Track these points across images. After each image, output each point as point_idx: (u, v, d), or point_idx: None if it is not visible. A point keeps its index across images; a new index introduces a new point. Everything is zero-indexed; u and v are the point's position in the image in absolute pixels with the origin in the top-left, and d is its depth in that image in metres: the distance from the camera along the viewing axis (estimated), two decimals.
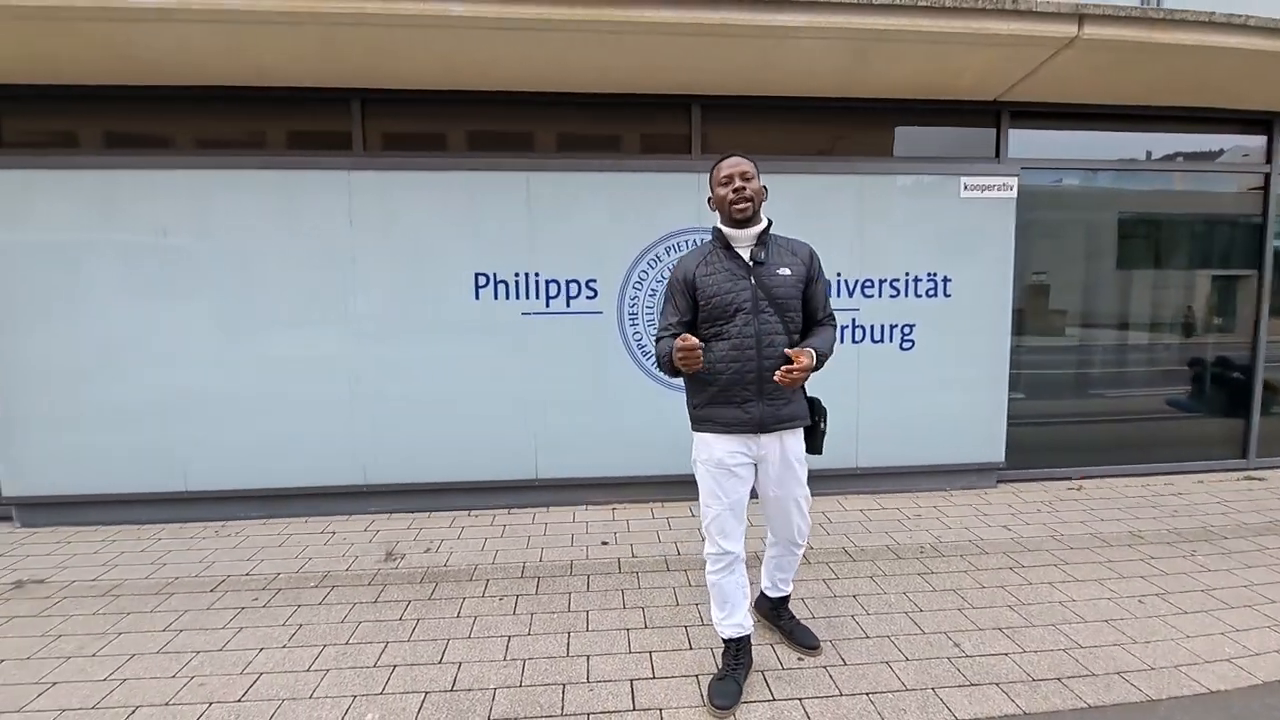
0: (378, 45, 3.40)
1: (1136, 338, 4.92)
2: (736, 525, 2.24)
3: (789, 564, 2.50)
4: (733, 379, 2.13)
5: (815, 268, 2.23)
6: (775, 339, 2.12)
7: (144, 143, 3.98)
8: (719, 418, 2.18)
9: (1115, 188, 4.75)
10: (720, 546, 2.23)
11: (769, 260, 2.15)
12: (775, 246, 2.19)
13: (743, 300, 2.12)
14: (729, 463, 2.18)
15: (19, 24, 3.13)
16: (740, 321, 2.11)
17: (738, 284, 2.12)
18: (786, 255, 2.19)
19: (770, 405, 2.14)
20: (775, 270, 2.14)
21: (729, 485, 2.20)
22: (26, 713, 2.21)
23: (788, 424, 2.18)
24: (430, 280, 3.97)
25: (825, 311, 2.28)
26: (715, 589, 2.29)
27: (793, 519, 2.33)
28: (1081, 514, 4.00)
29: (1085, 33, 3.49)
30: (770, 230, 2.21)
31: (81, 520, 3.93)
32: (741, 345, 2.11)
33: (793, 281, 2.15)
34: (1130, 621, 2.73)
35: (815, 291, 2.24)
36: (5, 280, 3.76)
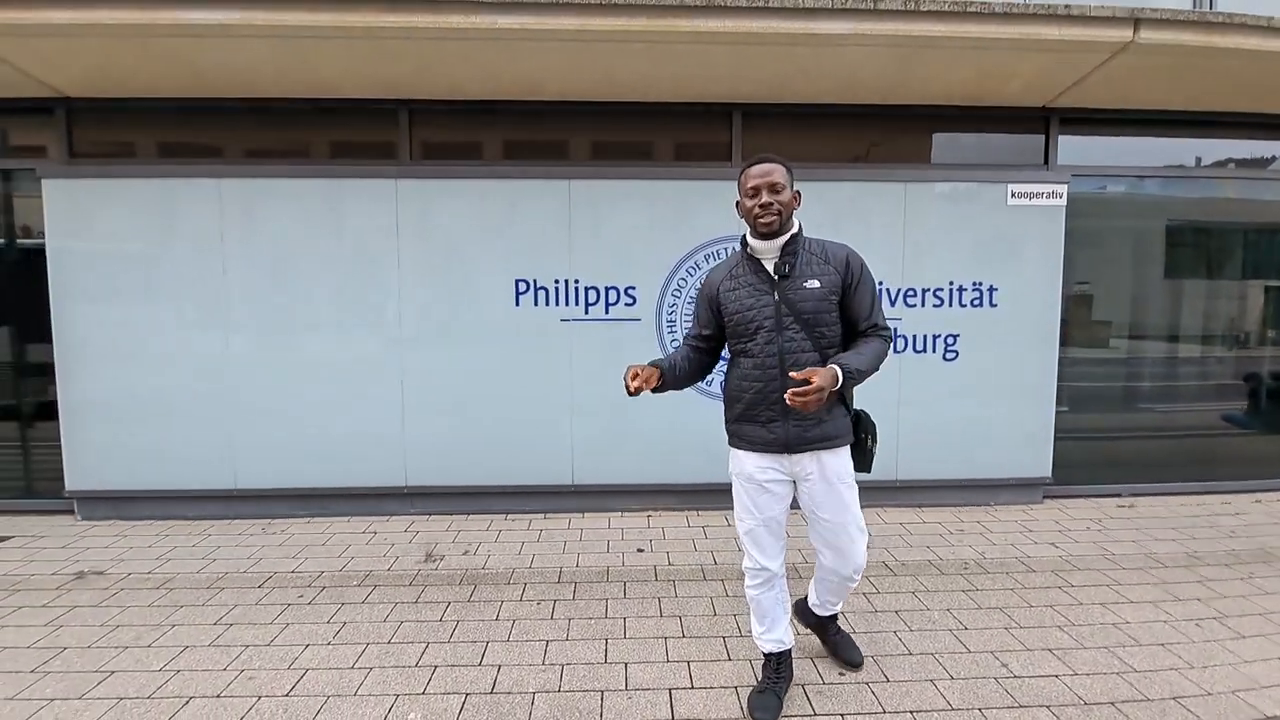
0: (426, 57, 3.48)
1: (1188, 350, 4.75)
2: (772, 542, 2.16)
3: (840, 590, 2.31)
4: (755, 399, 2.04)
5: (853, 274, 2.02)
6: (801, 357, 1.98)
7: (201, 153, 4.14)
8: (746, 435, 2.11)
9: (1165, 195, 4.60)
10: (757, 562, 2.17)
11: (795, 273, 1.99)
12: (805, 255, 2.02)
13: (764, 318, 2.00)
14: (760, 478, 2.10)
15: (102, 41, 3.30)
16: (762, 340, 2.00)
17: (760, 300, 2.01)
18: (817, 264, 2.01)
19: (798, 426, 2.01)
20: (802, 283, 1.98)
21: (761, 501, 2.12)
22: (88, 699, 2.29)
23: (819, 445, 2.03)
24: (472, 286, 4.03)
25: (870, 321, 2.05)
26: (754, 603, 2.24)
27: (845, 550, 2.13)
28: (1133, 532, 3.86)
29: (1141, 37, 3.40)
30: (800, 236, 2.04)
31: (137, 515, 4.08)
32: (764, 364, 2.01)
33: (822, 294, 1.98)
34: (1186, 645, 2.63)
35: (854, 300, 2.03)
36: (68, 284, 3.94)
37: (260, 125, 4.10)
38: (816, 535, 2.18)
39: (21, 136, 4.16)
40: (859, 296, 2.04)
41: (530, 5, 3.17)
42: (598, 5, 3.17)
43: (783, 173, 1.97)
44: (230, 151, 4.15)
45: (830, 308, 2.00)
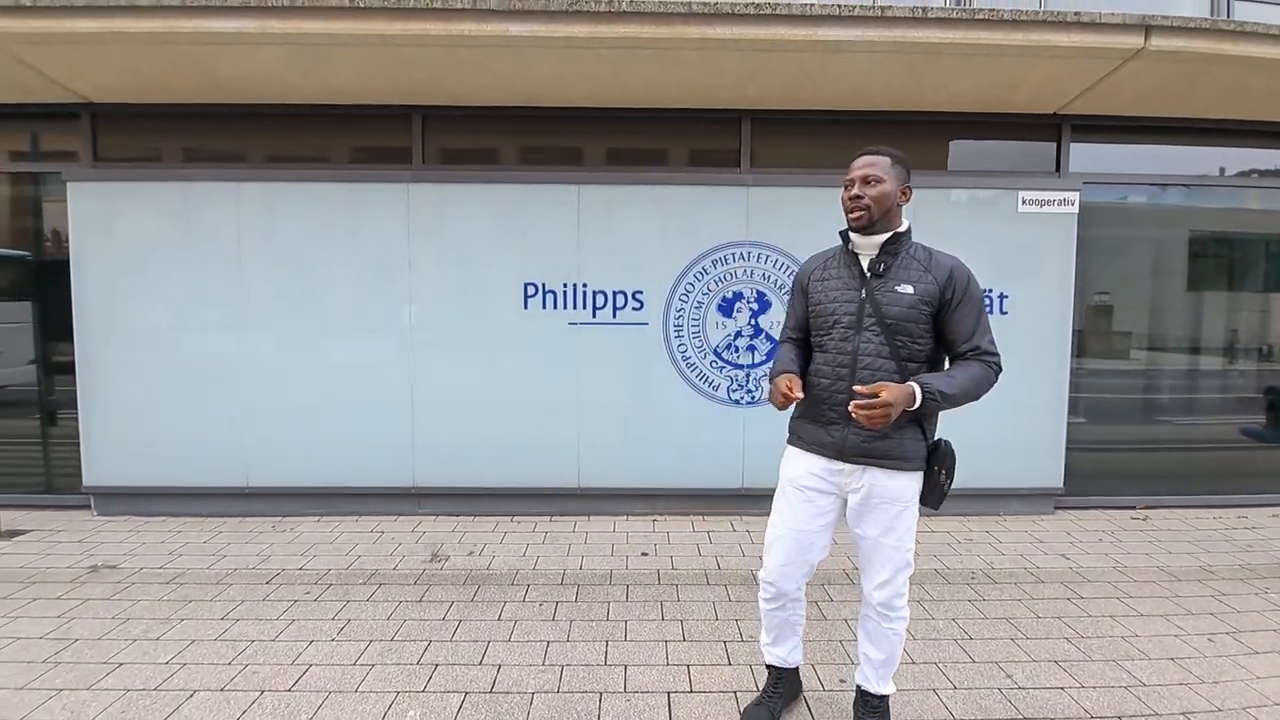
0: (439, 64, 3.55)
1: (1208, 362, 4.67)
2: (794, 558, 1.97)
3: (880, 637, 1.99)
4: (820, 395, 1.91)
5: (955, 288, 1.82)
6: (877, 362, 1.82)
7: (220, 158, 4.24)
8: (804, 434, 1.98)
9: (1185, 205, 4.54)
10: (770, 575, 2.01)
11: (891, 273, 1.84)
12: (906, 259, 1.86)
13: (845, 313, 1.87)
14: (804, 483, 1.95)
15: (124, 48, 3.41)
16: (837, 336, 1.87)
17: (846, 295, 1.88)
18: (917, 270, 1.84)
19: (858, 433, 1.84)
20: (894, 285, 1.83)
21: (798, 510, 1.96)
22: (96, 690, 2.33)
23: (878, 460, 1.85)
24: (481, 289, 4.08)
25: (971, 344, 1.83)
26: (764, 615, 2.13)
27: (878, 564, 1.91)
28: (1146, 545, 3.79)
29: (1153, 44, 3.37)
30: (907, 239, 1.89)
31: (151, 511, 4.16)
32: (835, 362, 1.87)
33: (912, 301, 1.81)
34: (1198, 660, 2.57)
35: (953, 317, 1.83)
36: (89, 285, 4.04)
37: (277, 130, 4.19)
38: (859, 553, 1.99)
39: (50, 142, 4.29)
40: (960, 314, 1.83)
41: (541, 13, 3.22)
42: (607, 13, 3.22)
43: (885, 166, 1.84)
44: (248, 156, 4.24)
45: (919, 317, 1.81)
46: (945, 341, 1.87)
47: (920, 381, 1.76)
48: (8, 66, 3.58)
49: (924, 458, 1.88)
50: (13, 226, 4.38)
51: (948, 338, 1.86)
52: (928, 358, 1.87)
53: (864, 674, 2.09)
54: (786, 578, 2.00)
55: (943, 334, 1.86)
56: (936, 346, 1.89)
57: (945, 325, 1.85)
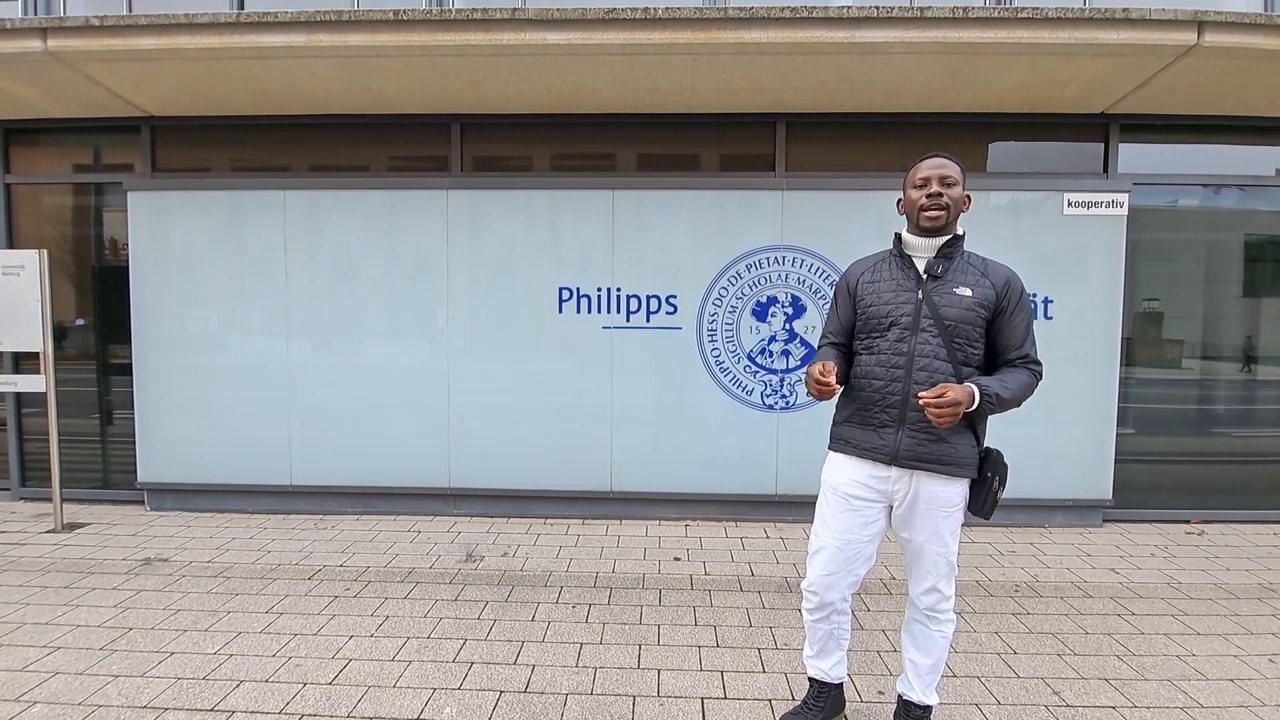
0: (479, 74, 3.63)
1: (1266, 372, 4.45)
2: (842, 569, 1.94)
3: (923, 639, 1.97)
4: (873, 398, 1.87)
5: (1011, 297, 1.84)
6: (934, 364, 1.80)
7: (268, 168, 4.40)
8: (852, 438, 1.93)
9: (1240, 207, 4.35)
10: (814, 584, 1.99)
11: (948, 276, 1.84)
12: (962, 263, 1.87)
13: (902, 314, 1.84)
14: (848, 491, 1.92)
15: (182, 64, 3.57)
16: (894, 337, 1.84)
17: (900, 296, 1.86)
18: (974, 275, 1.85)
19: (912, 436, 1.82)
20: (953, 288, 1.82)
21: (843, 520, 1.92)
22: (149, 678, 2.42)
23: (933, 465, 1.82)
24: (516, 294, 4.14)
25: (1020, 352, 1.85)
26: (808, 627, 2.09)
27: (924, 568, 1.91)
28: (1202, 560, 3.63)
29: (1206, 40, 3.26)
30: (962, 243, 1.90)
31: (200, 507, 4.31)
32: (890, 363, 1.84)
33: (971, 304, 1.81)
34: (1259, 682, 2.45)
35: (1007, 325, 1.84)
36: (146, 290, 4.23)
37: (322, 141, 4.33)
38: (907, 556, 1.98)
39: (111, 154, 4.51)
40: (1014, 322, 1.85)
41: (578, 21, 3.27)
42: (643, 20, 3.25)
43: (957, 170, 1.86)
44: (293, 166, 4.40)
45: (976, 321, 1.82)
46: (996, 348, 1.88)
47: (977, 383, 1.77)
48: (78, 83, 3.79)
49: (976, 464, 1.87)
50: (76, 234, 4.61)
51: (999, 344, 1.87)
52: (979, 363, 1.87)
53: (908, 682, 2.05)
54: (831, 588, 1.98)
55: (994, 340, 1.87)
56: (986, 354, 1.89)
57: (998, 332, 1.86)
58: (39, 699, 2.28)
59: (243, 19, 3.39)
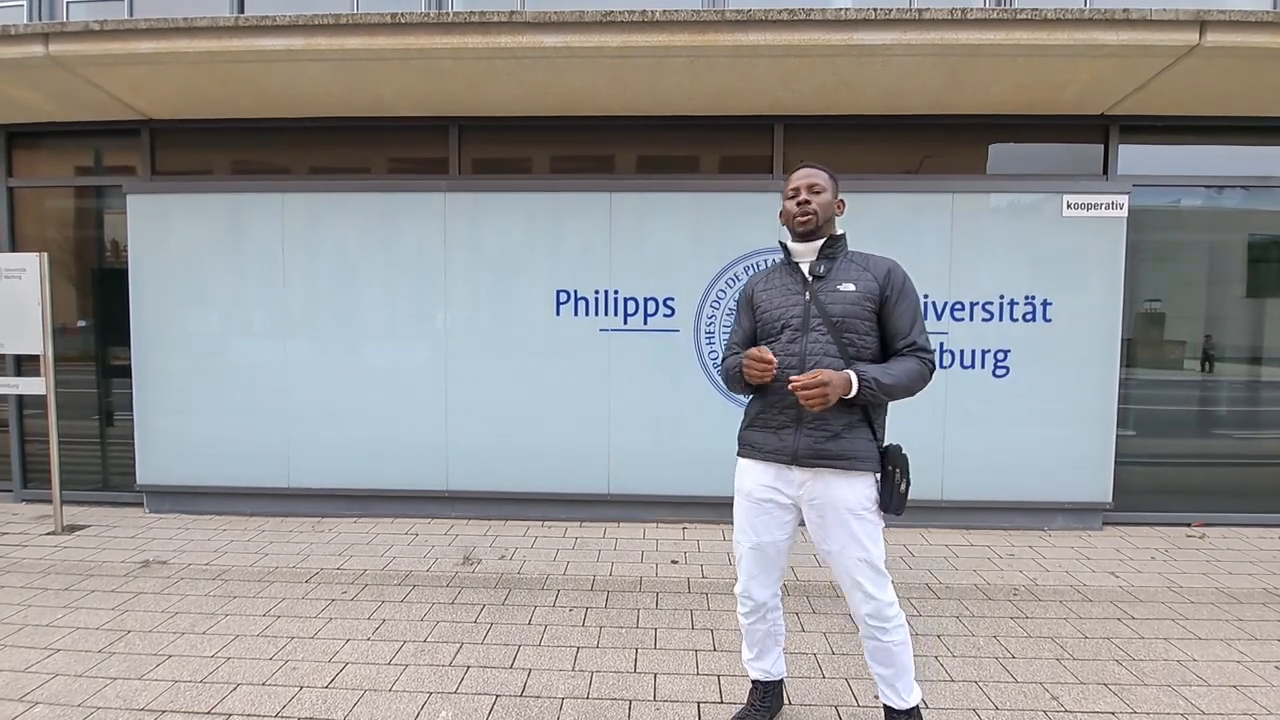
0: (477, 76, 3.63)
1: (1270, 373, 4.42)
2: (763, 570, 2.02)
3: (880, 654, 1.95)
4: (771, 400, 1.94)
5: (893, 286, 1.91)
6: (825, 361, 1.86)
7: (267, 170, 4.41)
8: (755, 442, 1.99)
9: (1244, 207, 4.33)
10: (745, 589, 2.05)
11: (831, 275, 1.93)
12: (845, 261, 1.96)
13: (791, 316, 1.92)
14: (758, 495, 1.98)
15: (181, 67, 3.58)
16: (786, 338, 1.91)
17: (790, 299, 1.95)
18: (856, 270, 1.93)
19: (809, 435, 1.86)
20: (836, 285, 1.90)
21: (758, 523, 1.99)
22: (147, 680, 2.43)
23: (832, 462, 1.86)
24: (514, 296, 4.14)
25: (907, 340, 1.91)
26: (745, 630, 2.15)
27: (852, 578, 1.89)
28: (1204, 564, 3.60)
29: (1208, 40, 3.24)
30: (843, 243, 1.99)
31: (198, 509, 4.32)
32: (784, 365, 1.88)
33: (855, 298, 1.89)
34: (1264, 690, 2.42)
35: (893, 314, 1.91)
36: (145, 293, 4.24)
37: (320, 143, 4.34)
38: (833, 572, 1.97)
39: (112, 157, 4.53)
40: (898, 311, 1.91)
41: (575, 24, 3.27)
42: (640, 22, 3.25)
43: (825, 178, 1.97)
44: (292, 168, 4.41)
45: (864, 314, 1.89)
46: (884, 338, 1.95)
47: (856, 370, 1.83)
48: (78, 87, 3.80)
49: (877, 459, 1.91)
50: (77, 237, 4.63)
51: (886, 334, 1.94)
52: (873, 357, 1.92)
53: (883, 692, 2.03)
54: (759, 587, 2.05)
55: (883, 331, 1.94)
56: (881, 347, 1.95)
57: (885, 322, 1.93)
58: (41, 699, 2.30)
59: (241, 22, 3.39)
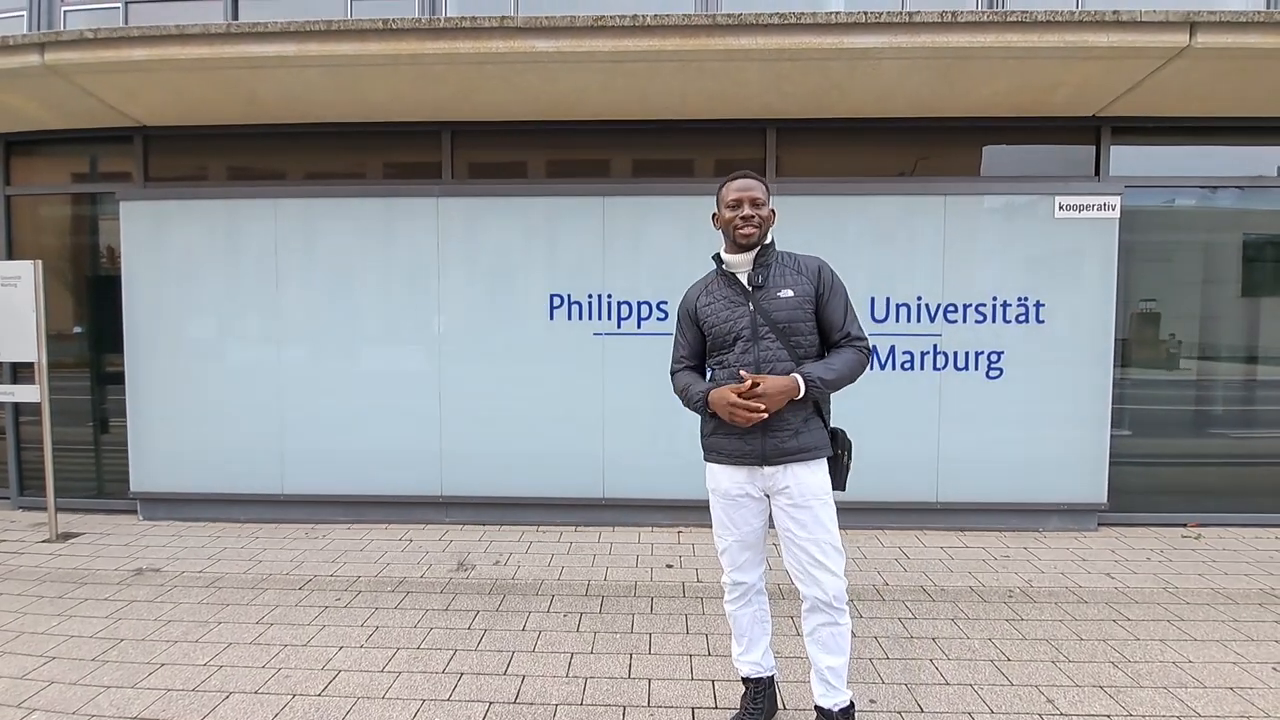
0: (468, 81, 3.63)
1: (1265, 372, 4.42)
2: (748, 557, 2.13)
3: (832, 642, 2.00)
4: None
5: (825, 283, 2.03)
6: (778, 366, 1.95)
7: (260, 176, 4.41)
8: (723, 448, 2.05)
9: (1238, 207, 4.34)
10: (732, 578, 2.15)
11: (769, 282, 2.01)
12: (779, 267, 2.03)
13: (741, 327, 2.00)
14: (734, 494, 2.06)
15: (174, 74, 3.58)
16: (739, 349, 1.99)
17: (735, 311, 2.01)
18: (790, 275, 2.02)
19: (774, 437, 1.96)
20: (776, 293, 1.99)
21: (737, 517, 2.08)
22: (140, 689, 2.42)
23: (796, 456, 1.97)
24: (507, 301, 4.14)
25: (842, 332, 2.02)
26: (732, 620, 2.19)
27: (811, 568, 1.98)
28: (1200, 565, 3.60)
29: (1199, 41, 3.24)
30: (773, 249, 2.07)
31: (193, 516, 4.31)
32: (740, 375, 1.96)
33: (796, 302, 1.98)
34: (1261, 691, 2.41)
35: (827, 309, 2.02)
36: (139, 299, 4.23)
37: (314, 149, 4.35)
38: (791, 558, 2.03)
39: (106, 164, 4.53)
40: (832, 306, 2.04)
41: (566, 29, 3.28)
42: (631, 27, 3.25)
43: (763, 190, 2.04)
44: (286, 174, 4.41)
45: (805, 316, 2.00)
46: (822, 332, 2.06)
47: (801, 372, 1.93)
48: (73, 95, 3.81)
49: (829, 445, 2.04)
50: (73, 244, 4.62)
51: (823, 328, 2.05)
52: (817, 353, 2.05)
53: (822, 693, 2.04)
54: (744, 570, 2.14)
55: (819, 326, 2.05)
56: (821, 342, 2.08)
57: (821, 318, 2.04)
58: (38, 706, 2.32)
59: (234, 29, 3.40)
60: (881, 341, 3.99)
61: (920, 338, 4.01)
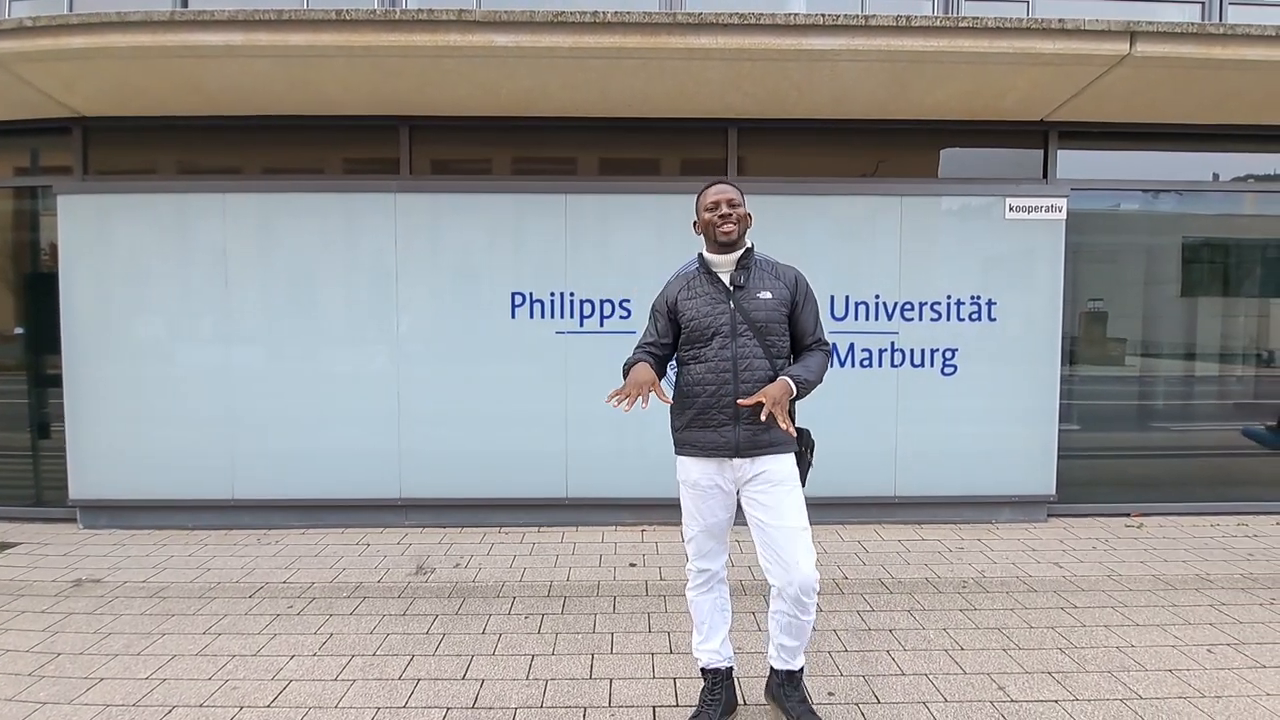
0: (425, 75, 3.56)
1: (1203, 368, 4.64)
2: (714, 545, 2.21)
3: (796, 629, 2.09)
4: (709, 402, 2.09)
5: (801, 292, 2.18)
6: (754, 363, 2.07)
7: (210, 170, 4.25)
8: (696, 441, 2.12)
9: (1179, 211, 4.53)
10: (696, 565, 2.23)
11: (749, 284, 2.12)
12: (758, 271, 2.16)
13: (720, 324, 2.10)
14: (704, 484, 2.13)
15: (114, 63, 3.43)
16: (717, 345, 2.09)
17: (716, 308, 2.11)
18: (769, 279, 2.15)
19: (748, 430, 2.06)
20: (755, 294, 2.11)
21: (705, 507, 2.15)
22: (76, 705, 2.30)
23: (767, 449, 2.08)
24: (468, 299, 4.08)
25: (814, 337, 2.19)
26: (693, 607, 2.25)
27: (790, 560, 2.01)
28: (1141, 553, 3.75)
29: (1138, 50, 3.37)
30: (754, 254, 2.18)
31: (137, 524, 4.13)
32: (718, 369, 2.07)
33: (773, 305, 2.11)
34: (1198, 672, 2.52)
35: (802, 316, 2.17)
36: (77, 298, 4.04)
37: (267, 143, 4.20)
38: (763, 546, 2.09)
39: (48, 157, 4.31)
40: (806, 313, 2.19)
41: (525, 24, 3.24)
42: (591, 24, 3.23)
43: (738, 194, 2.16)
44: (237, 168, 4.26)
45: (780, 319, 2.13)
46: (794, 335, 2.20)
47: (790, 375, 2.05)
48: (10, 85, 3.62)
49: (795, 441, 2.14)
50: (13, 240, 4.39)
51: (796, 333, 2.20)
52: (787, 353, 2.19)
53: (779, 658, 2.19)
54: (708, 559, 2.22)
55: (792, 330, 2.20)
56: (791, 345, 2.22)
57: (795, 323, 2.19)
58: None
59: (177, 17, 3.27)
60: (841, 339, 4.05)
61: (878, 335, 4.09)
